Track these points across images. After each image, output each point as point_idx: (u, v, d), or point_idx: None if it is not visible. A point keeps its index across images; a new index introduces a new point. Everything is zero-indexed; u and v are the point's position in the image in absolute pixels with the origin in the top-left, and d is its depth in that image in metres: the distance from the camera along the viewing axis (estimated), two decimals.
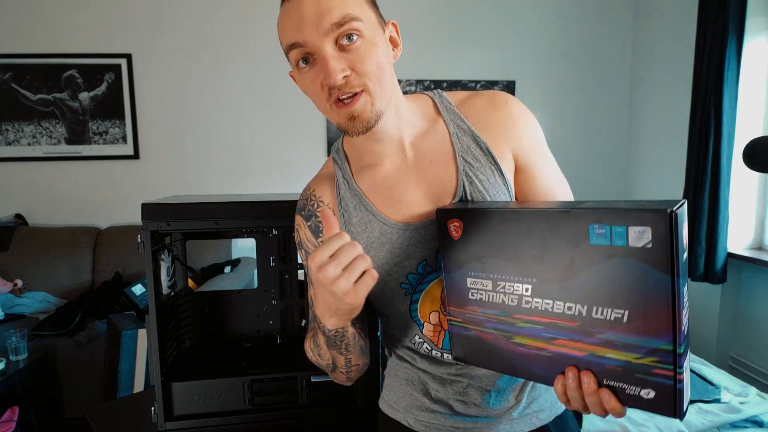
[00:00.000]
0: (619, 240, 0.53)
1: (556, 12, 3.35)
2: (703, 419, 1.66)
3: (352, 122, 0.69)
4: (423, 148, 0.78)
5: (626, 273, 0.53)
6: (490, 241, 0.65)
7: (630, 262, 0.52)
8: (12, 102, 3.06)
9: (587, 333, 0.57)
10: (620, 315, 0.55)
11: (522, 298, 0.63)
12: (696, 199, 2.56)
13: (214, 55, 3.18)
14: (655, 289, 0.52)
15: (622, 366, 0.56)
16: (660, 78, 3.15)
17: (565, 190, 0.83)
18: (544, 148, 0.81)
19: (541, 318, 0.61)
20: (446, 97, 0.81)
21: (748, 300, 2.58)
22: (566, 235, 0.57)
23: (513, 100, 0.79)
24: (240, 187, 3.27)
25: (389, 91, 0.72)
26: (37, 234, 3.02)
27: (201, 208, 0.97)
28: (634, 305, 0.54)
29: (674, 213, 0.49)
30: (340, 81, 0.67)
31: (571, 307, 0.58)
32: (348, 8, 0.67)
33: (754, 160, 1.04)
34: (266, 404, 1.02)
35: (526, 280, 0.62)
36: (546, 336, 0.61)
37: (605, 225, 0.53)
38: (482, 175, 0.76)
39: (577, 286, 0.57)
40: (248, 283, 2.82)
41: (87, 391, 2.46)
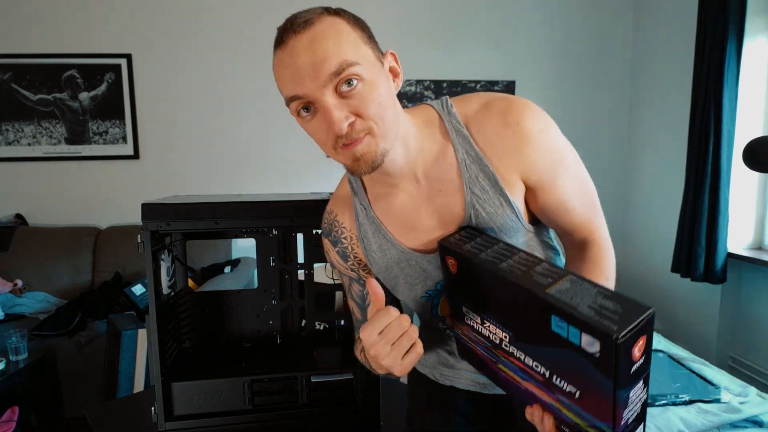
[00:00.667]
0: (574, 338, 0.56)
1: (557, 12, 3.35)
2: (703, 419, 1.66)
3: (357, 163, 0.70)
4: (433, 177, 0.78)
5: (579, 365, 0.57)
6: (478, 286, 0.70)
7: (581, 358, 0.56)
8: (12, 102, 3.06)
9: (551, 389, 0.63)
10: (573, 391, 0.60)
11: (502, 341, 0.68)
12: (696, 199, 2.56)
13: (214, 55, 3.18)
14: (599, 387, 0.56)
15: (575, 425, 0.61)
16: (660, 78, 3.15)
17: (586, 202, 0.82)
18: (562, 161, 0.77)
19: (516, 362, 0.67)
20: (455, 114, 0.77)
21: (748, 300, 2.58)
22: (534, 312, 0.61)
23: (526, 117, 0.74)
24: (240, 187, 3.27)
25: (394, 127, 0.71)
26: (37, 234, 3.02)
27: (201, 208, 0.97)
28: (583, 390, 0.58)
29: (621, 340, 0.52)
30: (346, 129, 0.66)
31: (538, 366, 0.63)
32: (344, 54, 0.64)
33: (754, 160, 1.04)
34: (266, 404, 1.02)
35: (504, 330, 0.67)
36: (520, 375, 0.67)
37: (564, 321, 0.57)
38: (490, 207, 0.77)
39: (542, 353, 0.62)
40: (248, 283, 2.82)
41: (87, 391, 2.46)
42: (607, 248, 0.82)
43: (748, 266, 2.56)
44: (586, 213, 0.82)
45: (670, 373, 2.00)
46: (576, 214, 0.81)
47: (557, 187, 0.77)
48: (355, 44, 0.67)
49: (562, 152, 0.77)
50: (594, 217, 0.83)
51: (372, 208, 0.84)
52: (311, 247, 1.14)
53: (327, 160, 3.31)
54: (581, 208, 0.81)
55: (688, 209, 2.62)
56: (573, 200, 0.79)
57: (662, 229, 2.96)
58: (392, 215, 0.82)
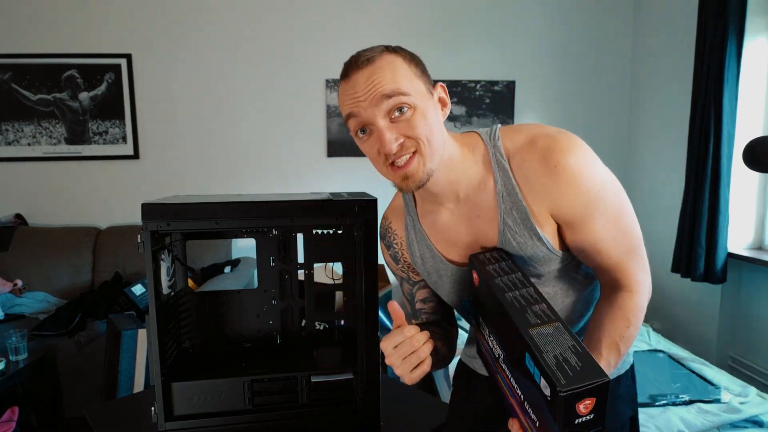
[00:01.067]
0: (536, 378, 0.64)
1: (557, 12, 3.35)
2: (703, 419, 1.66)
3: (406, 181, 0.79)
4: (473, 202, 0.86)
5: (539, 400, 0.64)
6: (489, 304, 0.79)
7: (540, 396, 0.64)
8: (12, 102, 3.06)
9: (523, 411, 0.70)
10: (535, 420, 0.67)
11: (499, 357, 0.77)
12: (696, 199, 2.56)
13: (214, 55, 3.18)
14: (551, 427, 0.63)
15: None
16: (660, 78, 3.15)
17: (622, 245, 0.81)
18: (597, 204, 0.79)
19: (505, 378, 0.76)
20: (499, 147, 0.82)
21: (748, 300, 2.58)
22: (517, 345, 0.69)
23: (566, 160, 0.77)
24: (240, 187, 3.27)
25: (439, 150, 0.79)
26: (37, 234, 3.02)
27: (201, 208, 0.97)
28: (541, 423, 0.65)
29: (564, 394, 0.59)
30: (395, 149, 0.76)
31: (517, 388, 0.71)
32: (396, 84, 0.75)
33: (754, 160, 1.04)
34: (266, 404, 1.02)
35: (500, 348, 0.76)
36: (508, 390, 0.76)
37: (532, 361, 0.65)
38: (520, 238, 0.82)
39: (519, 379, 0.70)
40: (248, 283, 2.82)
41: (87, 391, 2.46)
42: (638, 296, 0.82)
43: (748, 266, 2.56)
44: (620, 257, 0.82)
45: (670, 373, 2.00)
46: (608, 257, 0.82)
47: (589, 228, 0.80)
48: (409, 78, 0.77)
49: (597, 195, 0.78)
50: (630, 263, 0.83)
51: (419, 221, 0.94)
52: (311, 247, 1.14)
53: (327, 161, 3.32)
54: (615, 251, 0.81)
55: (688, 209, 2.62)
56: (606, 243, 0.81)
57: (662, 229, 2.96)
58: (436, 230, 0.91)
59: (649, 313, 3.35)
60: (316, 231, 1.13)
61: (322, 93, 3.27)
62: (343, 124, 3.27)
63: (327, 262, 1.19)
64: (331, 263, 1.20)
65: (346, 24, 3.23)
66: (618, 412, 0.94)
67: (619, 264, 0.82)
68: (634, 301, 0.82)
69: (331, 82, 3.24)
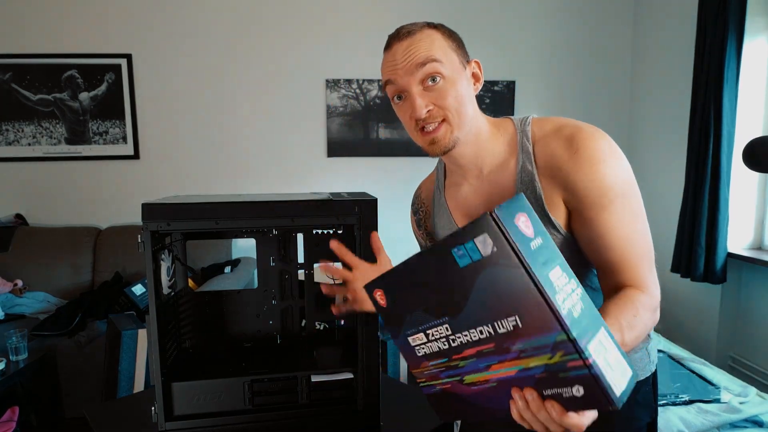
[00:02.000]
0: (475, 254, 0.55)
1: (557, 12, 3.35)
2: (703, 419, 1.66)
3: (432, 146, 0.84)
4: (494, 181, 0.89)
5: (495, 281, 0.55)
6: (403, 297, 0.66)
7: (491, 270, 0.54)
8: (12, 102, 3.06)
9: (505, 350, 0.58)
10: (515, 321, 0.55)
11: (448, 339, 0.63)
12: (696, 199, 2.56)
13: (215, 55, 3.18)
14: (519, 286, 0.53)
15: (545, 371, 0.55)
16: (660, 78, 3.15)
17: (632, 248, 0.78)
18: (609, 197, 0.77)
19: (469, 351, 0.61)
20: (527, 132, 0.86)
21: (748, 300, 2.58)
22: (444, 268, 0.58)
23: (588, 145, 0.78)
24: (240, 187, 3.27)
25: (467, 121, 0.84)
26: (37, 234, 3.02)
27: (201, 208, 0.97)
28: (517, 308, 0.54)
29: (494, 214, 0.52)
30: (425, 114, 0.81)
31: (482, 330, 0.59)
32: (431, 53, 0.80)
33: (754, 160, 1.04)
34: (266, 404, 1.02)
35: (442, 321, 0.63)
36: (482, 366, 0.61)
37: (460, 246, 0.55)
38: None
39: (474, 309, 0.58)
40: (248, 283, 2.82)
41: (87, 391, 2.46)
42: (650, 296, 0.78)
43: (748, 266, 2.56)
44: (632, 259, 0.78)
45: (670, 373, 2.00)
46: (615, 254, 0.79)
47: (600, 220, 0.78)
48: (444, 50, 0.82)
49: (614, 188, 0.77)
50: (641, 268, 0.79)
51: (444, 194, 1.00)
52: (311, 247, 1.14)
53: (327, 161, 3.32)
54: (624, 250, 0.78)
55: (688, 209, 2.62)
56: (614, 240, 0.78)
57: (662, 229, 2.96)
58: (457, 203, 0.97)
59: None
60: (316, 231, 1.13)
61: (322, 93, 3.27)
62: (343, 124, 3.29)
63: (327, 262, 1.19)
64: (331, 263, 1.20)
65: (346, 24, 3.23)
66: (635, 417, 0.94)
67: (631, 267, 0.79)
68: (645, 297, 0.77)
69: (331, 82, 3.24)
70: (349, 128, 3.30)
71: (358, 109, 3.29)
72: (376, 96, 3.29)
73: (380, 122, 3.31)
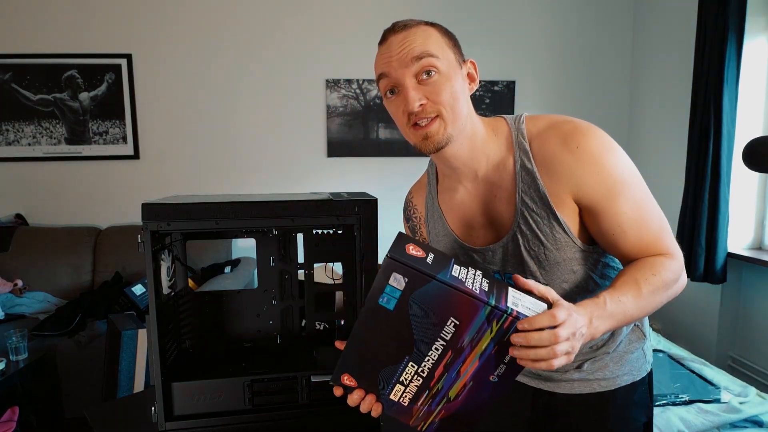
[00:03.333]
0: (395, 293, 0.66)
1: (556, 12, 3.35)
2: (703, 419, 1.66)
3: (425, 142, 0.82)
4: (491, 182, 0.87)
5: (422, 302, 0.66)
6: (366, 368, 0.73)
7: (413, 296, 0.66)
8: (12, 102, 3.06)
9: (460, 350, 0.68)
10: (453, 322, 0.66)
11: (418, 373, 0.71)
12: (696, 199, 2.56)
13: (215, 55, 3.18)
14: (439, 294, 0.65)
15: (495, 345, 0.67)
16: (660, 78, 3.15)
17: (648, 230, 0.81)
18: (618, 186, 0.79)
19: (438, 370, 0.70)
20: (522, 130, 0.85)
21: (748, 300, 2.58)
22: (381, 320, 0.68)
23: (587, 142, 0.79)
24: (240, 187, 3.27)
25: (461, 119, 0.82)
26: (37, 234, 3.02)
27: (201, 208, 0.97)
28: (448, 311, 0.66)
29: (390, 255, 0.66)
30: (417, 108, 0.79)
31: (436, 347, 0.68)
32: (428, 47, 0.79)
33: (754, 160, 1.04)
34: (266, 404, 1.02)
35: (406, 362, 0.71)
36: (454, 375, 0.70)
37: (382, 294, 0.67)
38: (537, 218, 0.83)
39: (421, 334, 0.68)
40: (248, 283, 2.82)
41: (87, 391, 2.46)
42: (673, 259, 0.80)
43: (748, 266, 2.56)
44: (650, 237, 0.81)
45: (670, 373, 2.00)
46: (634, 241, 0.81)
47: (613, 210, 0.80)
48: (440, 45, 0.81)
49: (621, 178, 0.79)
50: (662, 241, 0.82)
51: (438, 199, 0.97)
52: (311, 247, 1.14)
53: (327, 161, 3.32)
54: (643, 233, 0.81)
55: (688, 209, 2.62)
56: (630, 226, 0.80)
57: None
58: (452, 208, 0.94)
59: None
60: (316, 231, 1.13)
61: (322, 93, 3.27)
62: (343, 123, 3.29)
63: (327, 262, 1.19)
64: (331, 263, 1.20)
65: (346, 24, 3.22)
66: (633, 417, 0.94)
67: (652, 244, 0.81)
68: (667, 260, 0.80)
69: (331, 82, 3.24)
70: (349, 128, 3.31)
71: (358, 109, 3.29)
72: (376, 96, 3.29)
73: (380, 122, 3.31)
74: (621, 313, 0.73)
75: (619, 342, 0.93)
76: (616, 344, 0.92)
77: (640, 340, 0.95)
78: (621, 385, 0.92)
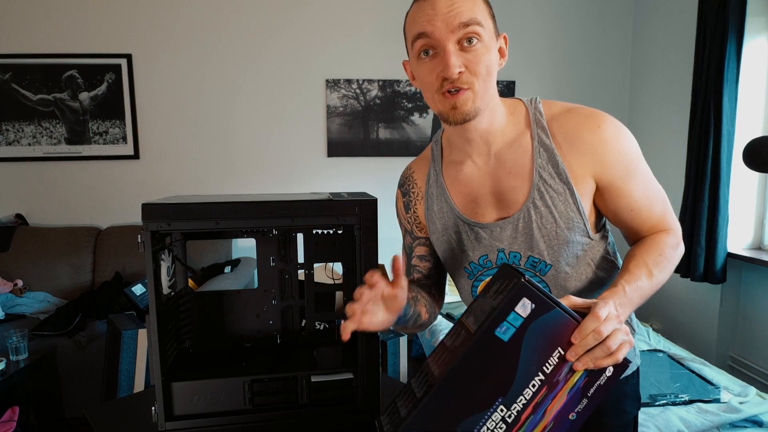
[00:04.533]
0: (517, 321, 0.63)
1: (556, 12, 3.35)
2: (703, 419, 1.66)
3: (453, 112, 0.79)
4: (505, 159, 0.87)
5: (539, 330, 0.63)
6: (451, 414, 0.65)
7: (534, 324, 0.63)
8: (12, 102, 3.06)
9: (555, 384, 0.64)
10: (558, 353, 0.64)
11: (504, 419, 0.65)
12: (696, 199, 2.56)
13: (215, 55, 3.18)
14: (558, 322, 0.63)
15: (586, 376, 0.65)
16: (660, 78, 3.15)
17: (656, 206, 0.87)
18: (633, 166, 0.84)
19: (526, 413, 0.65)
20: (540, 110, 0.86)
21: (748, 300, 2.58)
22: (488, 355, 0.63)
23: (608, 123, 0.82)
24: (240, 187, 3.27)
25: (491, 93, 0.81)
26: (37, 234, 3.02)
27: (201, 208, 0.97)
28: (557, 341, 0.64)
29: (525, 279, 0.63)
30: (456, 75, 0.77)
31: (534, 383, 0.64)
32: (476, 14, 0.77)
33: (754, 160, 1.04)
34: (266, 404, 1.02)
35: (495, 406, 0.65)
36: (539, 417, 0.65)
37: (502, 323, 0.63)
38: (553, 192, 0.84)
39: (524, 370, 0.64)
40: (248, 283, 2.82)
41: (87, 391, 2.46)
42: (674, 234, 0.87)
43: (748, 266, 2.56)
44: (656, 213, 0.87)
45: (670, 373, 2.00)
46: (646, 217, 0.87)
47: (628, 190, 0.84)
48: (485, 14, 0.79)
49: (635, 157, 0.84)
50: (666, 216, 0.88)
51: (442, 174, 0.95)
52: (311, 247, 1.14)
53: (327, 161, 3.32)
54: (652, 209, 0.87)
55: (688, 209, 2.62)
56: (643, 203, 0.86)
57: None
58: (458, 183, 0.92)
59: (649, 313, 3.34)
60: (316, 231, 1.13)
61: (322, 93, 3.27)
62: (343, 124, 3.28)
63: (327, 262, 1.19)
64: (331, 263, 1.20)
65: (346, 24, 3.23)
66: (625, 410, 0.96)
67: (658, 220, 0.87)
68: (669, 237, 0.86)
69: (331, 82, 3.24)
70: (349, 128, 3.30)
71: (358, 109, 3.29)
72: (376, 96, 3.29)
73: (380, 122, 3.31)
74: (639, 297, 0.76)
75: None
76: None
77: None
78: None
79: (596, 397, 0.65)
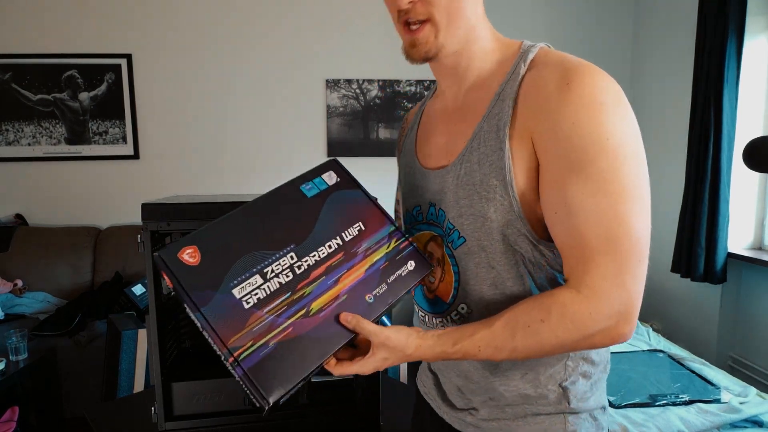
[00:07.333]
0: (323, 185, 0.76)
1: (556, 12, 3.35)
2: (703, 419, 1.66)
3: (412, 49, 0.72)
4: (467, 101, 0.76)
5: (341, 201, 0.74)
6: (229, 246, 0.66)
7: (337, 194, 0.75)
8: (12, 102, 3.06)
9: (353, 255, 0.70)
10: (359, 227, 0.72)
11: (293, 267, 0.67)
12: (696, 199, 2.56)
13: (215, 55, 3.18)
14: (359, 201, 0.75)
15: (386, 260, 0.71)
16: (660, 78, 3.15)
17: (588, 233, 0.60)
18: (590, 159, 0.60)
19: (318, 270, 0.68)
20: (528, 56, 0.71)
21: (748, 300, 2.58)
22: (291, 203, 0.73)
23: (584, 82, 0.62)
24: (240, 187, 3.27)
25: (463, 25, 0.71)
26: (37, 234, 3.02)
27: (201, 208, 0.97)
28: (359, 217, 0.73)
29: (336, 160, 0.80)
30: (405, 6, 0.68)
31: (330, 244, 0.70)
32: None
33: (754, 160, 1.04)
34: None
35: (286, 251, 0.68)
36: (332, 282, 0.68)
37: (310, 182, 0.76)
38: (485, 149, 0.69)
39: (322, 228, 0.71)
40: None
41: (87, 391, 2.46)
42: (583, 302, 0.60)
43: (748, 266, 2.56)
44: (587, 245, 0.60)
45: (670, 373, 2.00)
46: (569, 241, 0.62)
47: (563, 185, 0.61)
48: None
49: (603, 145, 0.60)
50: (593, 264, 0.60)
51: (423, 109, 0.89)
52: None
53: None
54: (583, 236, 0.60)
55: (688, 209, 2.62)
56: (575, 218, 0.61)
57: (662, 229, 2.96)
58: (427, 119, 0.86)
59: (649, 313, 3.33)
60: None
61: (322, 93, 3.27)
62: (343, 123, 3.28)
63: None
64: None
65: (346, 24, 3.22)
66: None
67: (582, 257, 0.61)
68: (577, 302, 0.60)
69: (331, 83, 3.24)
70: (349, 128, 3.31)
71: (358, 109, 3.29)
72: (376, 96, 3.29)
73: (380, 122, 3.31)
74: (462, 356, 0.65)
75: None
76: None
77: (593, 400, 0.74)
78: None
79: (396, 288, 0.70)
